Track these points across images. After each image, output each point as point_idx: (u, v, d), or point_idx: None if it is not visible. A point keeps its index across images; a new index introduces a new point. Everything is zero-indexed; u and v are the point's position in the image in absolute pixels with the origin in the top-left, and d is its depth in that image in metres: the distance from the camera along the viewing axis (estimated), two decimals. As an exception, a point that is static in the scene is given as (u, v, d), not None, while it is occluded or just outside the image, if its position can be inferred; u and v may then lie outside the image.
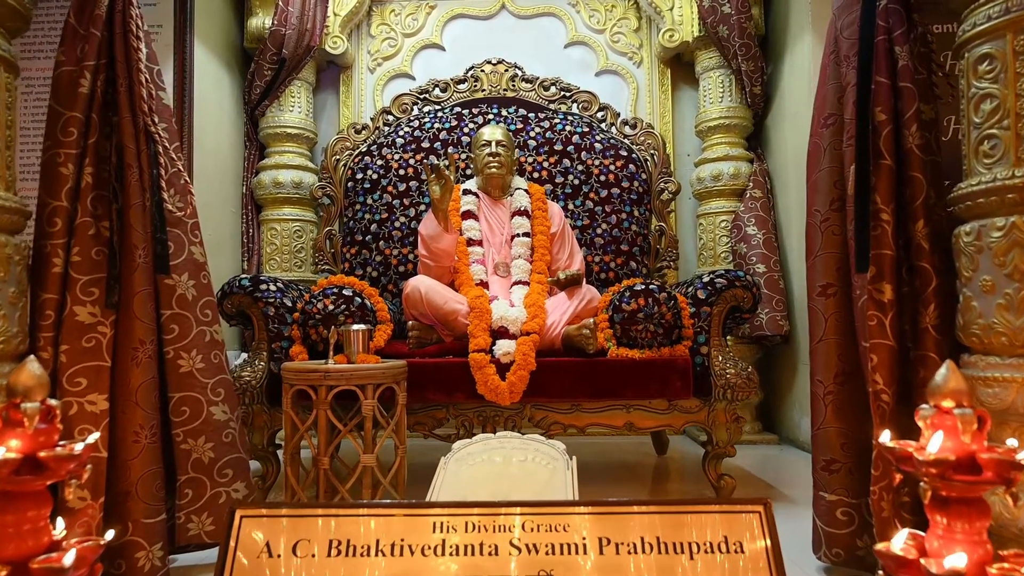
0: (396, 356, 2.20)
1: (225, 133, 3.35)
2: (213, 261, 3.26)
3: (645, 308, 2.17)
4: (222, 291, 2.27)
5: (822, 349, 1.58)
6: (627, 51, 3.68)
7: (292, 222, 3.43)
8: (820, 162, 1.61)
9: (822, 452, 1.57)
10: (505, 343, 2.17)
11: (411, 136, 3.03)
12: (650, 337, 2.18)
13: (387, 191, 2.95)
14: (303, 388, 1.82)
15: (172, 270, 1.60)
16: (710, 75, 3.42)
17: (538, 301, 2.30)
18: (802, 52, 3.06)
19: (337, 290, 2.24)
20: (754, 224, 3.25)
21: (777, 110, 3.36)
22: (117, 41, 1.55)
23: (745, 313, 2.30)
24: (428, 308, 2.28)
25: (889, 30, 1.51)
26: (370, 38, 3.69)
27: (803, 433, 3.10)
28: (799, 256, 3.14)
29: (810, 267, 1.63)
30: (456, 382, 2.16)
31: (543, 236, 2.61)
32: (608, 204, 2.93)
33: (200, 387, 1.62)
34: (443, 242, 2.42)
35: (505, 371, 2.13)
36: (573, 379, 2.16)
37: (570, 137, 3.01)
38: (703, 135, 3.47)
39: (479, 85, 3.16)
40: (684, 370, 2.16)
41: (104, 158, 1.55)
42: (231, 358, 3.32)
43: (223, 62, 3.34)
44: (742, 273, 2.26)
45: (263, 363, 2.25)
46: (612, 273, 2.86)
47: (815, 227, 1.62)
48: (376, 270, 2.90)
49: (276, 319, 2.26)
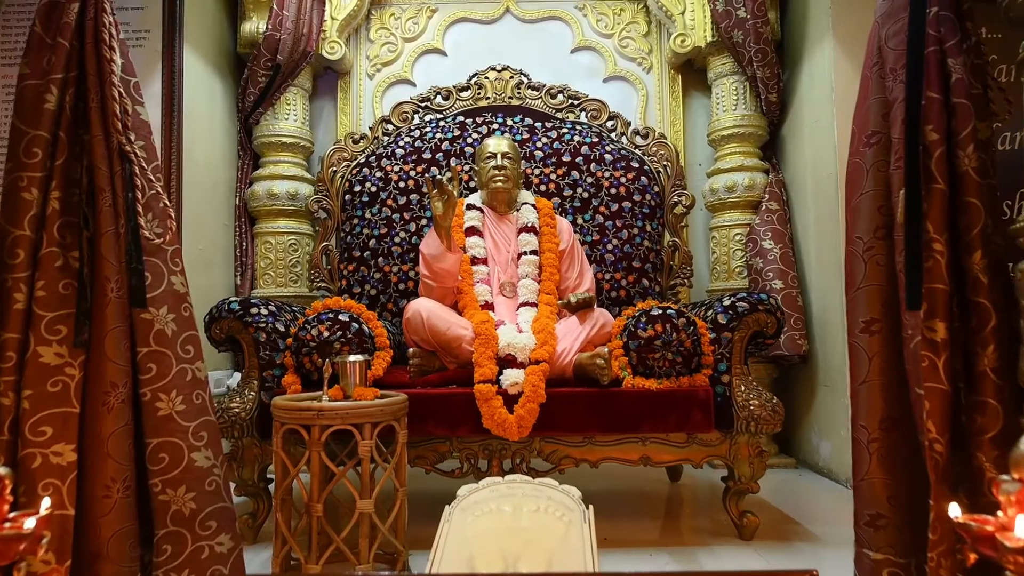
0: (396, 386, 2.06)
1: (217, 142, 3.21)
2: (204, 277, 3.15)
3: (663, 335, 2.02)
4: (210, 315, 2.13)
5: (866, 392, 1.43)
6: (636, 56, 3.53)
7: (287, 235, 3.28)
8: (862, 184, 1.46)
9: (866, 505, 1.42)
10: (513, 373, 2.02)
11: (412, 146, 2.88)
12: (668, 366, 2.04)
13: (386, 204, 2.81)
14: (294, 428, 1.68)
15: (149, 303, 1.45)
16: (723, 82, 3.28)
17: (547, 326, 2.15)
18: (821, 58, 2.92)
19: (333, 315, 2.09)
20: (770, 238, 3.10)
21: (794, 118, 3.21)
22: (88, 51, 1.41)
23: (768, 339, 2.15)
24: (430, 334, 2.13)
25: (940, 40, 1.36)
26: (369, 43, 3.55)
27: (822, 457, 2.95)
28: (817, 272, 3.00)
29: (851, 300, 1.48)
30: (460, 415, 2.01)
31: (551, 254, 2.47)
32: (619, 218, 2.78)
33: (180, 431, 1.47)
34: (446, 262, 2.27)
35: (513, 403, 1.99)
36: (586, 411, 2.01)
37: (579, 148, 2.86)
38: (716, 144, 3.32)
39: (483, 93, 3.02)
40: (705, 402, 2.02)
41: (74, 181, 1.41)
42: (224, 378, 3.18)
43: (215, 68, 3.19)
44: (765, 296, 2.12)
45: (253, 393, 2.10)
46: (623, 291, 2.72)
47: (857, 256, 1.47)
48: (375, 288, 2.75)
49: (267, 345, 2.11)
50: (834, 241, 2.81)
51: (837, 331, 2.79)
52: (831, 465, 2.88)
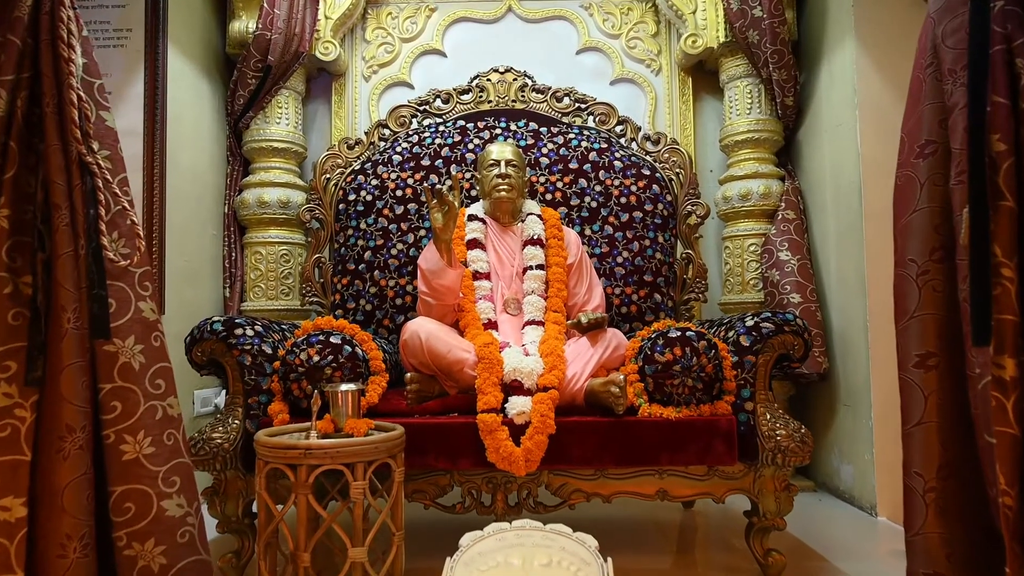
0: (393, 414, 1.90)
1: (204, 148, 3.04)
2: (191, 290, 2.99)
3: (682, 359, 1.86)
4: (191, 336, 1.97)
5: (920, 435, 1.27)
6: (645, 58, 3.37)
7: (279, 245, 3.11)
8: (914, 200, 1.31)
9: (921, 563, 1.26)
10: (519, 401, 1.86)
11: (409, 152, 2.72)
12: (687, 393, 1.87)
13: (383, 214, 2.64)
14: (278, 467, 1.51)
15: (114, 333, 1.29)
16: (737, 84, 3.12)
17: (556, 348, 1.99)
18: (842, 59, 2.76)
19: (323, 337, 1.93)
20: (787, 249, 2.94)
21: (811, 123, 3.06)
22: (43, 50, 1.25)
23: (794, 363, 1.99)
24: (429, 358, 1.97)
25: (1008, 38, 1.20)
26: (365, 43, 3.39)
27: (843, 481, 2.79)
28: (838, 285, 2.84)
29: (902, 331, 1.32)
30: (462, 447, 1.85)
31: (559, 268, 2.31)
32: (629, 229, 2.62)
33: (149, 477, 1.31)
34: (446, 278, 2.11)
35: (519, 434, 1.83)
36: (599, 443, 1.85)
37: (586, 154, 2.70)
38: (729, 150, 3.16)
39: (485, 96, 2.86)
40: (728, 432, 1.85)
41: (26, 196, 1.25)
42: (212, 396, 3.01)
43: (202, 70, 3.03)
44: (792, 316, 1.96)
45: (238, 421, 1.94)
46: (634, 307, 2.56)
47: (908, 281, 1.31)
48: (370, 303, 2.59)
49: (253, 369, 1.95)
50: (856, 253, 2.66)
51: (859, 348, 2.64)
52: (853, 490, 2.72)
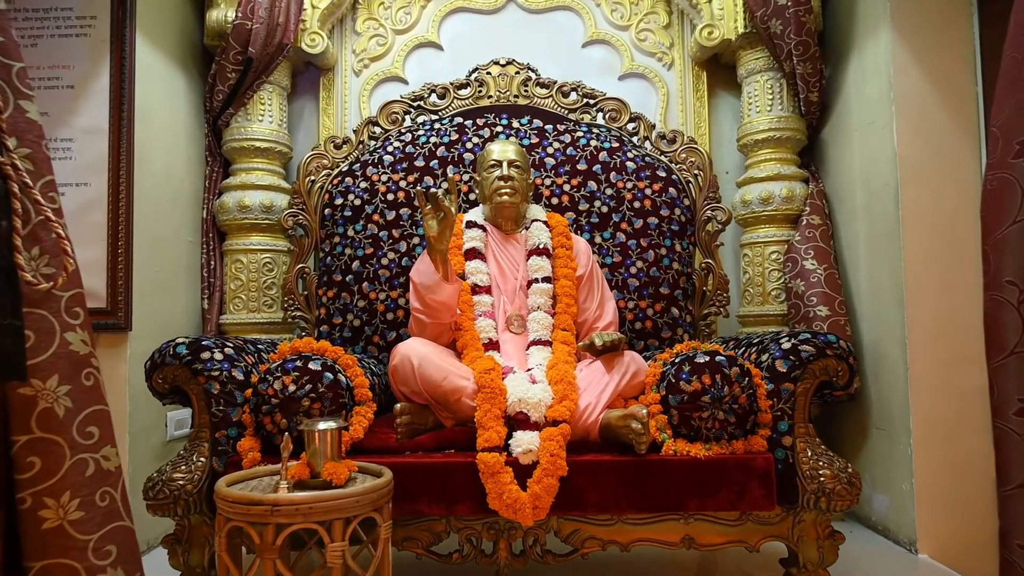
0: (380, 452, 1.66)
1: (180, 147, 2.80)
2: (163, 303, 2.71)
3: (712, 389, 1.62)
4: (151, 361, 1.73)
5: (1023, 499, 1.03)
6: (656, 51, 3.14)
7: (261, 253, 2.86)
8: (1013, 209, 1.07)
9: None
10: (526, 437, 1.62)
11: (402, 152, 2.48)
12: (718, 427, 1.64)
13: (372, 220, 2.41)
14: (240, 525, 1.27)
15: (31, 373, 1.05)
16: (756, 79, 2.89)
17: (566, 374, 1.75)
18: (876, 51, 2.53)
19: (301, 363, 1.68)
20: (813, 257, 2.71)
21: (838, 120, 2.82)
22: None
23: (837, 391, 1.76)
24: (423, 386, 1.73)
25: None
26: (355, 35, 3.15)
27: (876, 512, 2.56)
28: (869, 297, 2.60)
29: (997, 370, 1.09)
30: (460, 490, 1.61)
31: (567, 281, 2.07)
32: (644, 236, 2.38)
33: (76, 549, 1.07)
34: (442, 293, 1.87)
35: (526, 475, 1.59)
36: (616, 486, 1.61)
37: (596, 154, 2.47)
38: (747, 150, 2.93)
39: (484, 91, 2.62)
40: (765, 473, 1.62)
41: (-81, 205, 1.01)
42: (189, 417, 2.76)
43: (177, 62, 2.79)
44: (835, 337, 1.72)
45: (203, 459, 1.70)
46: (649, 322, 2.32)
47: (1005, 308, 1.07)
48: (359, 318, 2.35)
49: (222, 399, 1.71)
50: (892, 261, 2.42)
51: (896, 366, 2.40)
52: (888, 522, 2.48)
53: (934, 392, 2.31)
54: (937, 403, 2.31)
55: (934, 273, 2.34)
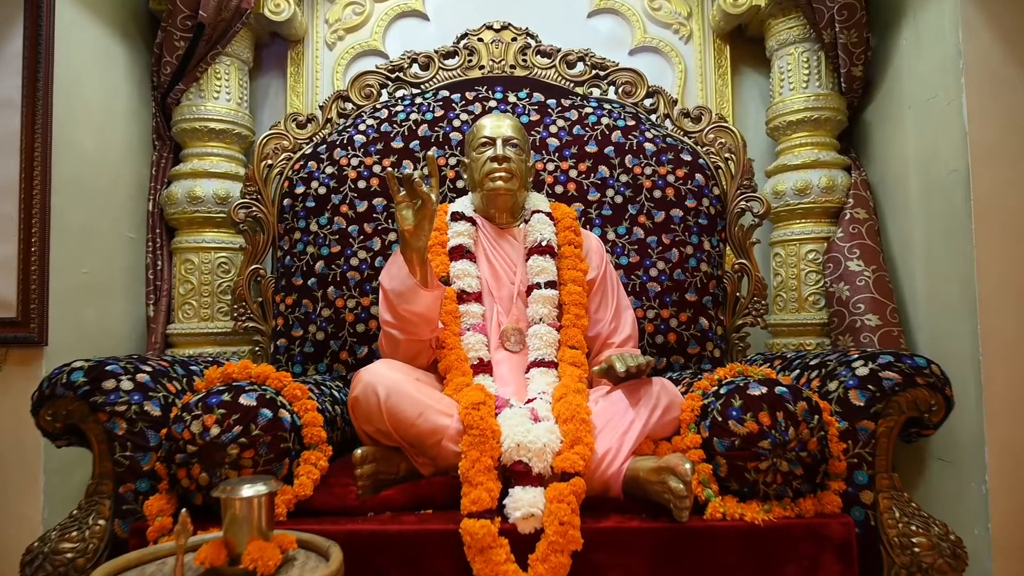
0: (334, 513, 1.26)
1: (118, 128, 2.39)
2: (93, 310, 2.15)
3: (772, 432, 1.22)
4: (39, 392, 1.33)
5: None
6: (672, 22, 2.74)
7: (215, 251, 2.45)
8: None
9: None
10: (527, 497, 1.22)
11: (376, 131, 2.08)
12: (781, 482, 1.24)
13: (340, 212, 2.00)
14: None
15: None
16: (790, 51, 2.49)
17: (579, 409, 1.34)
18: (939, 14, 2.13)
19: (230, 396, 1.28)
20: (858, 257, 2.31)
21: (886, 98, 2.43)
22: None
23: (926, 429, 1.37)
24: (391, 424, 1.32)
25: None
26: (328, 3, 2.74)
27: (936, 556, 2.16)
28: (928, 305, 2.21)
29: None
30: (439, 570, 1.20)
31: (576, 286, 1.68)
32: (666, 232, 1.99)
33: None
34: (418, 302, 1.47)
35: (527, 548, 1.19)
36: (648, 563, 1.21)
37: (608, 134, 2.07)
38: (778, 133, 2.53)
39: (476, 60, 2.23)
40: (845, 543, 1.22)
41: None
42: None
43: (116, 28, 2.38)
44: (924, 361, 1.33)
45: (102, 521, 1.29)
46: (673, 335, 1.93)
47: None
48: (323, 330, 1.95)
49: (129, 441, 1.31)
50: (960, 262, 2.03)
51: (966, 387, 2.01)
52: None
53: (1015, 418, 1.93)
54: (1019, 431, 1.93)
55: (1015, 276, 1.95)
